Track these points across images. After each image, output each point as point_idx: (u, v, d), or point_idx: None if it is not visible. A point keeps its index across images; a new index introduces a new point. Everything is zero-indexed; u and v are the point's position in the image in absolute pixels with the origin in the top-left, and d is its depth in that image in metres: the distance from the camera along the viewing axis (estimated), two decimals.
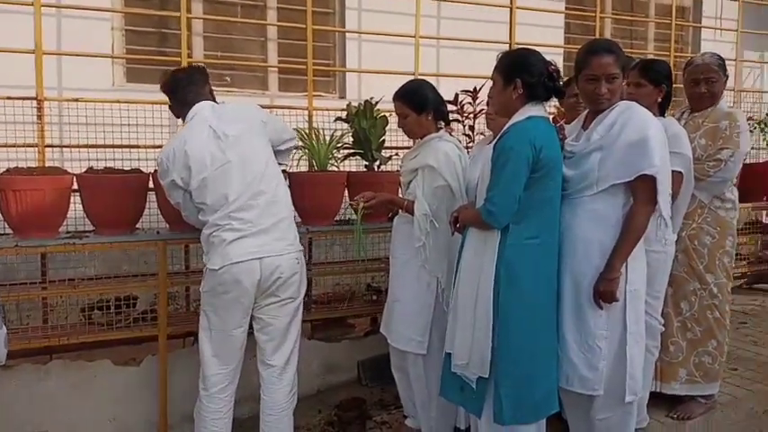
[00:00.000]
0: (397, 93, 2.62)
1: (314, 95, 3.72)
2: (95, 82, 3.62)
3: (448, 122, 2.72)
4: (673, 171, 2.29)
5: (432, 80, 4.00)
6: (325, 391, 3.33)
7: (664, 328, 2.68)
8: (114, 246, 2.90)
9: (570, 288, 2.19)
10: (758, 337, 3.91)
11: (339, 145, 3.31)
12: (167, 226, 2.97)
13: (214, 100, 2.53)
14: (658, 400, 2.83)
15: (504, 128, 2.17)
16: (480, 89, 3.42)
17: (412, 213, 2.53)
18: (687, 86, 2.90)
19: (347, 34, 4.44)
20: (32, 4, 3.09)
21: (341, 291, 3.56)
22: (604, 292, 2.12)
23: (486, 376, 2.14)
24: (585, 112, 2.35)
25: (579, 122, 2.36)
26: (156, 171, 2.62)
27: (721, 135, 2.75)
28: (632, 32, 5.94)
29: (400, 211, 2.67)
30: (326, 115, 3.66)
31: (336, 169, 3.33)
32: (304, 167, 3.40)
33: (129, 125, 3.31)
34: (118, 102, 3.34)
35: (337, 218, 3.26)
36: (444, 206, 2.50)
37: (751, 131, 4.93)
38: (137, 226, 2.94)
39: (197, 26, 4.06)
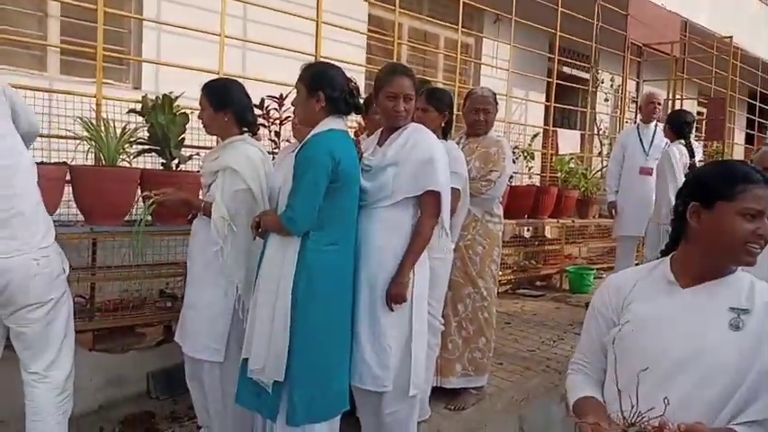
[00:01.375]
0: (204, 85, 2.54)
1: (103, 83, 3.39)
2: None
3: (252, 131, 2.65)
4: (452, 188, 2.57)
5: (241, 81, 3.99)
6: (108, 407, 3.01)
7: (444, 328, 2.98)
8: None
9: (366, 292, 2.32)
10: (519, 336, 4.53)
11: (132, 139, 3.07)
12: None
13: None
14: (436, 394, 3.12)
15: (306, 138, 2.25)
16: (287, 96, 3.45)
17: (210, 216, 2.44)
18: (467, 114, 3.30)
19: (144, 22, 4.13)
20: None
21: (129, 297, 3.27)
22: (396, 294, 2.29)
23: (282, 380, 2.16)
24: (380, 129, 2.53)
25: (375, 138, 2.53)
26: None
27: (492, 159, 3.16)
28: (425, 60, 6.51)
29: (199, 213, 2.57)
30: (118, 106, 3.36)
31: (128, 165, 3.07)
32: (90, 162, 3.08)
33: None
34: None
35: (128, 218, 3.01)
36: (245, 210, 2.46)
37: (516, 159, 5.75)
38: None
39: None
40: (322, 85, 2.23)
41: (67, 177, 2.86)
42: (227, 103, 2.50)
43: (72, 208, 2.99)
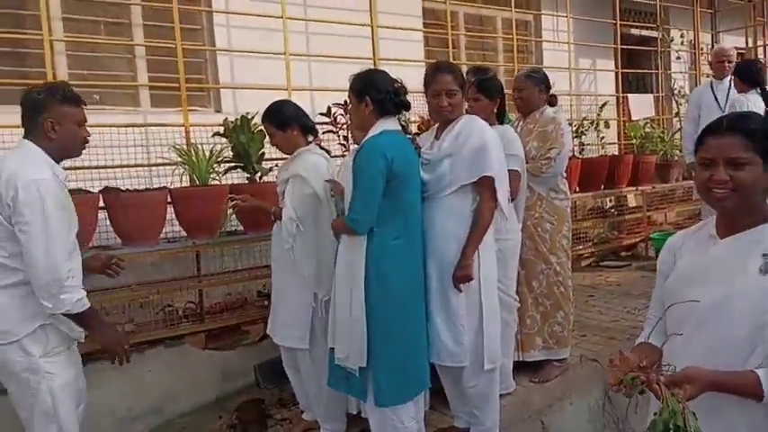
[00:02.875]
0: (263, 114, 2.83)
1: (189, 110, 3.78)
2: None
3: (315, 134, 2.91)
4: (510, 170, 2.70)
5: (305, 94, 4.29)
6: (223, 398, 3.42)
7: (519, 305, 3.12)
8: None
9: (435, 275, 2.51)
10: (602, 307, 4.55)
11: (219, 159, 3.42)
12: None
13: None
14: (521, 369, 3.26)
15: (362, 143, 2.45)
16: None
17: (280, 219, 2.73)
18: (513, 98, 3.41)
19: (217, 51, 4.51)
20: None
21: (232, 300, 3.66)
22: (461, 276, 2.47)
23: (365, 365, 2.38)
24: (437, 124, 2.69)
25: (432, 133, 2.70)
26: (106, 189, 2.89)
27: (549, 137, 3.23)
28: (483, 44, 6.56)
29: (273, 218, 2.85)
30: (204, 130, 3.74)
31: (218, 183, 3.43)
32: (186, 183, 3.47)
33: None
34: None
35: (224, 229, 3.37)
36: (311, 212, 2.71)
37: (585, 131, 5.70)
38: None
39: (58, 45, 3.94)
40: (368, 89, 2.41)
41: (168, 200, 3.26)
42: (288, 120, 2.78)
43: (175, 226, 3.39)
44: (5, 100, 3.65)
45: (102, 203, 3.07)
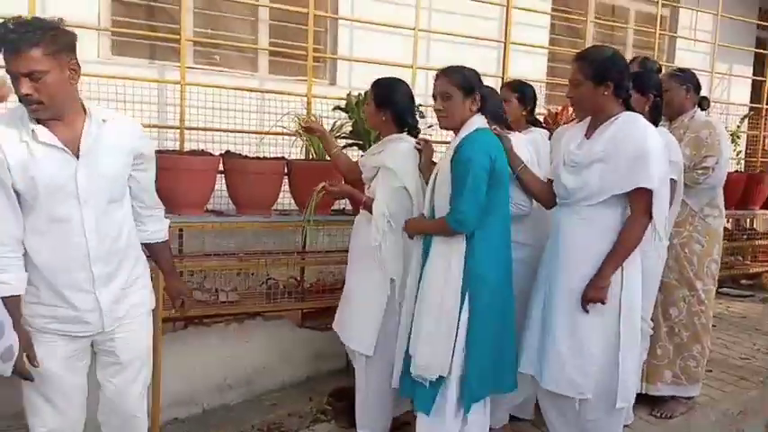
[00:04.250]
0: (374, 80, 2.61)
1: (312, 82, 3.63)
2: (82, 54, 3.42)
3: (412, 134, 2.62)
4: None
5: (422, 73, 4.05)
6: (315, 379, 3.34)
7: (653, 332, 2.77)
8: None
9: (564, 294, 2.22)
10: (727, 340, 4.10)
11: (338, 134, 3.26)
12: None
13: None
14: (641, 399, 2.90)
15: (458, 140, 2.25)
16: None
17: (369, 211, 2.52)
18: None
19: (339, 20, 4.36)
20: None
21: (332, 281, 3.52)
22: (593, 298, 2.16)
23: (446, 375, 2.22)
24: (588, 118, 2.35)
25: (582, 130, 2.35)
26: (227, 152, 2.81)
27: (704, 143, 2.85)
28: (613, 37, 6.07)
29: (361, 208, 2.64)
30: (320, 102, 3.59)
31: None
32: (300, 156, 3.34)
33: (119, 101, 3.16)
34: (105, 76, 3.18)
35: (335, 207, 3.22)
36: (403, 208, 2.49)
37: None
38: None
39: (188, 1, 3.90)
40: (479, 86, 2.28)
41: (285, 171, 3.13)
42: (388, 103, 2.54)
43: (287, 198, 3.26)
44: (139, 53, 3.67)
45: (221, 167, 2.98)
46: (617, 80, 2.18)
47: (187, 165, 2.78)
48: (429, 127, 2.91)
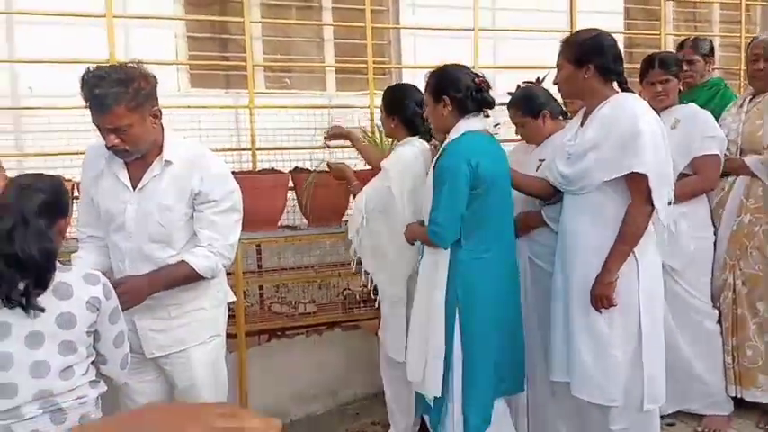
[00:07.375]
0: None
1: (374, 94, 3.71)
2: (162, 88, 3.70)
3: (425, 139, 2.60)
4: (708, 156, 2.36)
5: (490, 72, 4.01)
6: None
7: (717, 313, 2.64)
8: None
9: (576, 293, 2.10)
10: None
11: None
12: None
13: None
14: (743, 405, 2.71)
15: (442, 147, 2.18)
16: (543, 79, 3.34)
17: (353, 196, 2.63)
18: (747, 65, 2.80)
19: (401, 30, 4.41)
20: (104, 16, 3.18)
21: None
22: (599, 295, 2.02)
23: (440, 395, 2.11)
24: (583, 109, 2.25)
25: (577, 120, 2.26)
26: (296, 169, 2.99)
27: None
28: (696, 15, 5.69)
29: None
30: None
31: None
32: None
33: (198, 129, 3.38)
34: (184, 107, 3.41)
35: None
36: (384, 208, 2.49)
37: None
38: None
39: (255, 30, 4.11)
40: (445, 88, 2.14)
41: None
42: (396, 110, 2.56)
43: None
44: (215, 84, 3.91)
45: (291, 183, 3.10)
46: (598, 62, 2.07)
47: (258, 183, 2.92)
48: (496, 125, 2.88)
